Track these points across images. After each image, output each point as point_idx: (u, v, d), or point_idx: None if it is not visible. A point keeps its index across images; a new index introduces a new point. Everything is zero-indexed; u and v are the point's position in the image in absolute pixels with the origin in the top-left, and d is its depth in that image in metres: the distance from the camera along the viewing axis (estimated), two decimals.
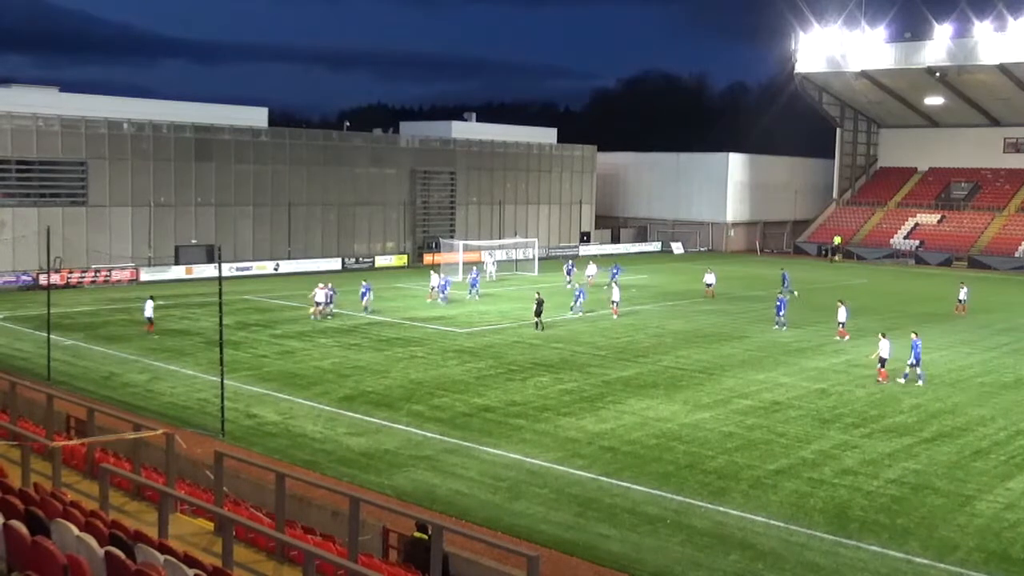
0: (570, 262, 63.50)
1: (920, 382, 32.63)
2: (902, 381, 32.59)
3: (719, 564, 17.55)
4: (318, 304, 44.38)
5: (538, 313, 42.03)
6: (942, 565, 17.59)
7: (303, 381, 31.61)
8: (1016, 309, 54.03)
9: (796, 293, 55.36)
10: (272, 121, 71.58)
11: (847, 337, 41.02)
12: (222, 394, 25.44)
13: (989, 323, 47.58)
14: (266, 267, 64.22)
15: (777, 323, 44.33)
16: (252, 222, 65.90)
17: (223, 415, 25.30)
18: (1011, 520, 19.88)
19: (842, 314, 41.86)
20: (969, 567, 17.51)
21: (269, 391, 30.14)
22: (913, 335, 33.77)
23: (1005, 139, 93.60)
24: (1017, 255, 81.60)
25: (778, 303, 45.05)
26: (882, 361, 33.22)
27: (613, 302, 46.72)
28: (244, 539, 13.43)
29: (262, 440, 24.89)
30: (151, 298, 41.22)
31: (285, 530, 14.15)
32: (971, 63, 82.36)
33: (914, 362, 33.04)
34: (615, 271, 56.71)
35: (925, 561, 17.76)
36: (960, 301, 50.83)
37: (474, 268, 56.16)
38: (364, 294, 47.61)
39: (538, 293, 43.26)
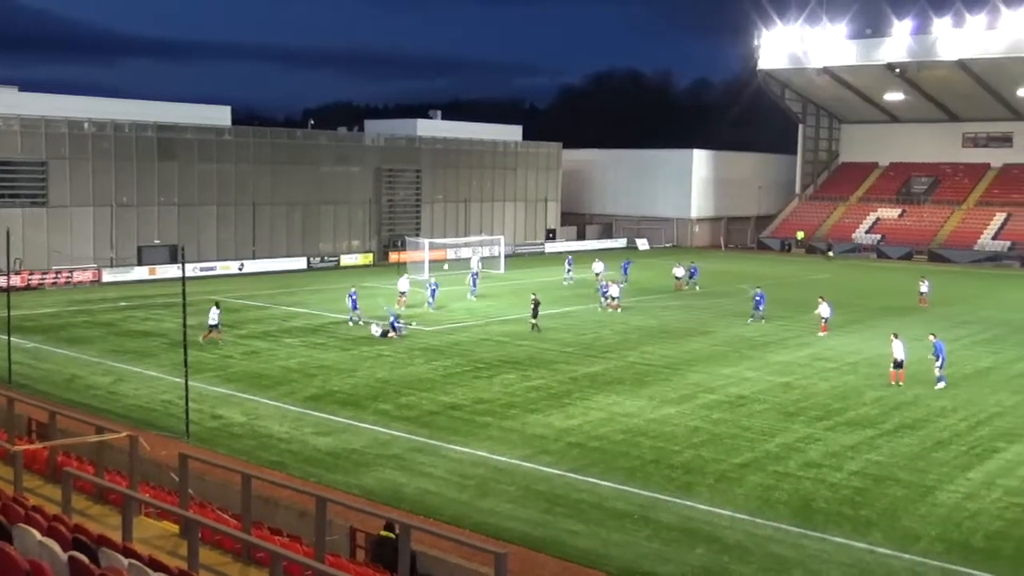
0: (569, 258, 62.83)
1: (941, 384, 31.48)
2: (942, 386, 31.29)
3: (686, 558, 17.68)
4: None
5: (535, 315, 41.64)
6: (905, 555, 17.83)
7: (269, 381, 31.44)
8: (975, 301, 54.78)
9: (698, 288, 56.63)
10: (236, 120, 71.08)
11: (825, 333, 41.28)
12: (186, 395, 25.27)
13: (949, 315, 48.20)
14: (230, 267, 63.75)
15: (753, 317, 44.71)
16: (216, 222, 65.40)
17: (188, 416, 25.13)
18: (971, 510, 20.18)
19: (825, 310, 42.00)
20: (931, 557, 17.76)
21: (234, 392, 29.95)
22: (931, 337, 32.78)
23: (964, 134, 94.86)
24: (976, 248, 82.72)
25: (757, 298, 45.37)
26: (896, 363, 32.02)
27: (614, 298, 47.46)
28: (210, 541, 13.36)
29: (228, 441, 24.74)
30: (216, 305, 39.03)
31: (251, 531, 14.09)
32: (930, 59, 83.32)
33: (941, 363, 31.67)
34: (625, 266, 58.78)
35: (888, 551, 17.99)
36: (921, 294, 51.55)
37: (475, 272, 55.65)
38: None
39: (534, 295, 42.95)
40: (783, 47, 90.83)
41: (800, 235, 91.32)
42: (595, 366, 34.49)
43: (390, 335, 38.88)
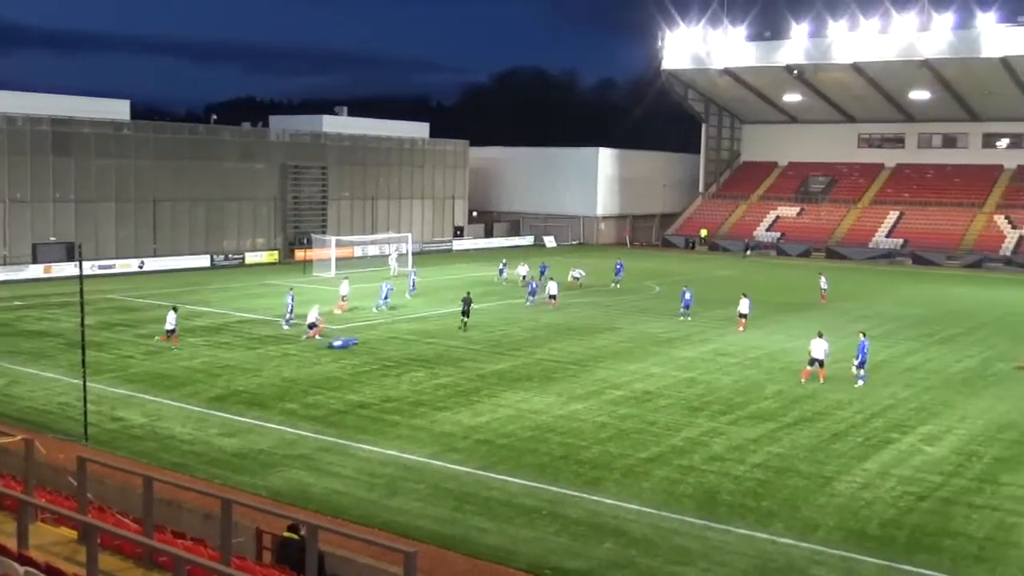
0: (504, 261, 61.75)
1: (860, 382, 31.75)
2: (860, 384, 31.61)
3: (594, 552, 17.88)
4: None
5: (465, 312, 41.68)
6: (804, 544, 18.33)
7: (171, 382, 30.77)
8: (872, 297, 56.58)
9: (619, 286, 57.51)
10: (135, 114, 69.27)
11: (742, 329, 42.15)
12: (84, 397, 24.58)
13: (847, 311, 49.68)
14: (130, 265, 62.17)
15: (682, 314, 45.47)
16: (115, 218, 63.64)
17: (86, 419, 24.45)
18: (867, 499, 20.85)
19: (744, 306, 42.80)
20: (829, 545, 18.29)
21: (135, 393, 29.24)
22: (861, 335, 33.02)
23: (859, 135, 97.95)
24: (871, 246, 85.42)
25: (686, 295, 46.16)
26: (814, 361, 32.22)
27: (552, 296, 48.44)
28: (110, 546, 13.04)
29: (128, 444, 24.14)
30: (174, 309, 37.97)
31: (153, 535, 13.78)
32: (826, 62, 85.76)
33: (860, 362, 31.94)
34: (543, 268, 58.86)
35: (789, 541, 18.47)
36: (823, 290, 53.12)
37: (413, 271, 54.91)
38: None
39: (468, 293, 43.43)
40: (686, 48, 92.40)
41: (704, 233, 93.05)
42: (503, 363, 34.61)
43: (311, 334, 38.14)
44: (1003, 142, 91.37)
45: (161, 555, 12.44)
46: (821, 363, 32.26)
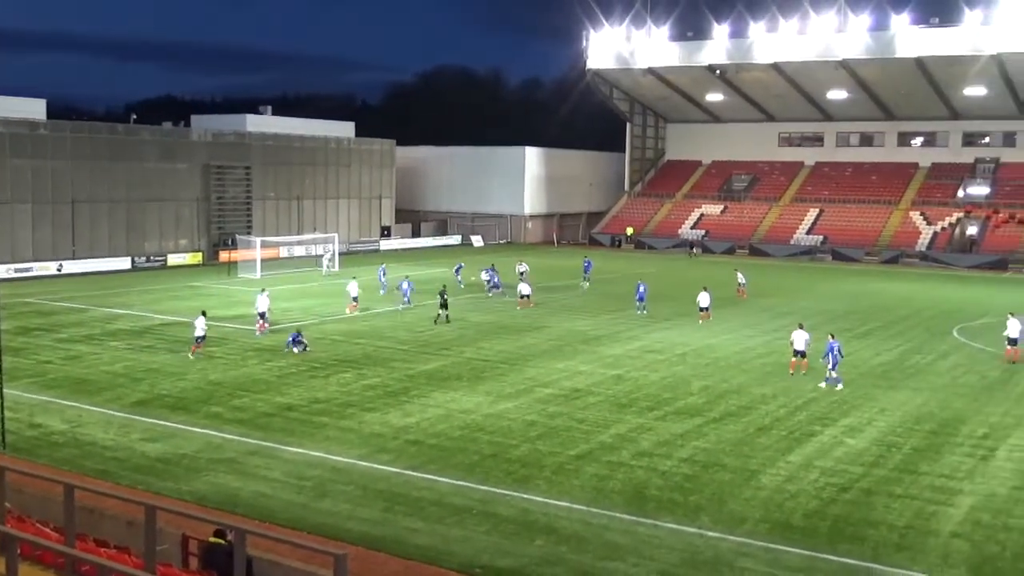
0: (460, 264, 59.39)
1: (836, 385, 31.44)
2: (839, 387, 31.35)
3: (525, 550, 17.95)
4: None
5: (443, 306, 42.97)
6: (731, 537, 18.63)
7: (92, 387, 30.10)
8: (793, 293, 57.69)
9: (588, 284, 57.50)
10: (51, 113, 67.54)
11: (705, 320, 43.96)
12: (1, 403, 23.86)
13: (770, 307, 50.58)
14: (49, 268, 60.64)
15: (638, 308, 46.53)
16: (31, 220, 61.98)
17: (3, 426, 23.75)
18: (792, 491, 21.26)
19: (704, 299, 44.28)
20: (755, 537, 18.62)
21: (54, 398, 28.54)
22: (830, 336, 32.84)
23: (780, 134, 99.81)
24: (792, 243, 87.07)
25: (640, 289, 47.17)
26: (798, 353, 32.96)
27: (526, 295, 49.04)
28: (30, 556, 12.73)
29: (48, 451, 23.57)
30: (203, 313, 36.45)
31: (75, 544, 13.48)
32: (747, 62, 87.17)
33: (832, 364, 31.71)
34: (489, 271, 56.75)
35: (716, 534, 18.75)
36: (740, 285, 54.03)
37: (406, 277, 54.23)
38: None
39: (443, 286, 44.81)
40: (610, 48, 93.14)
41: (629, 231, 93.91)
42: (432, 363, 34.53)
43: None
44: (917, 140, 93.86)
45: (84, 564, 12.17)
46: (803, 354, 33.09)
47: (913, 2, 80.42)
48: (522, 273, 57.20)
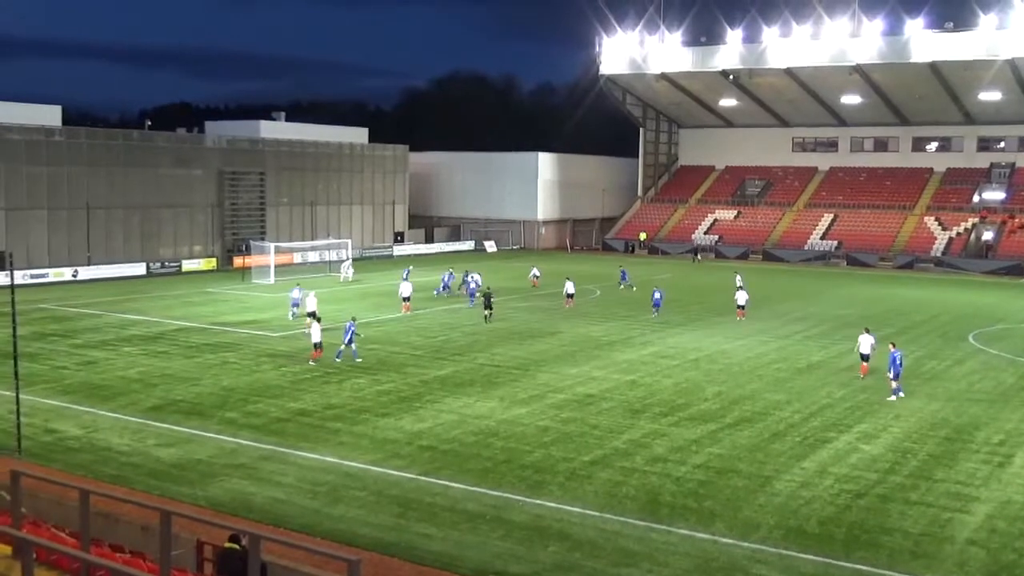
0: (449, 271, 58.12)
1: (894, 396, 30.55)
2: (893, 398, 30.42)
3: (538, 556, 17.91)
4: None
5: (488, 306, 44.93)
6: (745, 544, 18.56)
7: (107, 392, 30.22)
8: (807, 299, 57.48)
9: (635, 288, 58.28)
10: (67, 120, 68.00)
11: (741, 318, 45.96)
12: (17, 409, 24.03)
13: (783, 312, 50.40)
14: (64, 274, 61.00)
15: (655, 314, 47.40)
16: (47, 227, 62.38)
17: (19, 431, 23.90)
18: (806, 497, 21.17)
19: (741, 298, 46.70)
20: (770, 544, 18.54)
21: (70, 404, 28.66)
22: (891, 346, 31.87)
23: (793, 139, 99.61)
24: (806, 248, 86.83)
25: (656, 295, 48.13)
26: (864, 357, 33.34)
27: (570, 295, 50.93)
28: (46, 561, 12.78)
29: (64, 456, 23.66)
30: (318, 320, 36.83)
31: (90, 549, 13.53)
32: (760, 67, 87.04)
33: (894, 375, 30.77)
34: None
35: (730, 541, 18.68)
36: (739, 307, 53.03)
37: (448, 273, 54.72)
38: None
39: (488, 287, 47.20)
40: (623, 53, 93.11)
41: (643, 236, 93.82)
42: (445, 368, 34.55)
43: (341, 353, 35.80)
44: (932, 145, 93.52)
45: (99, 570, 12.21)
46: (867, 358, 33.41)
47: (928, 6, 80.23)
48: (536, 276, 58.25)
